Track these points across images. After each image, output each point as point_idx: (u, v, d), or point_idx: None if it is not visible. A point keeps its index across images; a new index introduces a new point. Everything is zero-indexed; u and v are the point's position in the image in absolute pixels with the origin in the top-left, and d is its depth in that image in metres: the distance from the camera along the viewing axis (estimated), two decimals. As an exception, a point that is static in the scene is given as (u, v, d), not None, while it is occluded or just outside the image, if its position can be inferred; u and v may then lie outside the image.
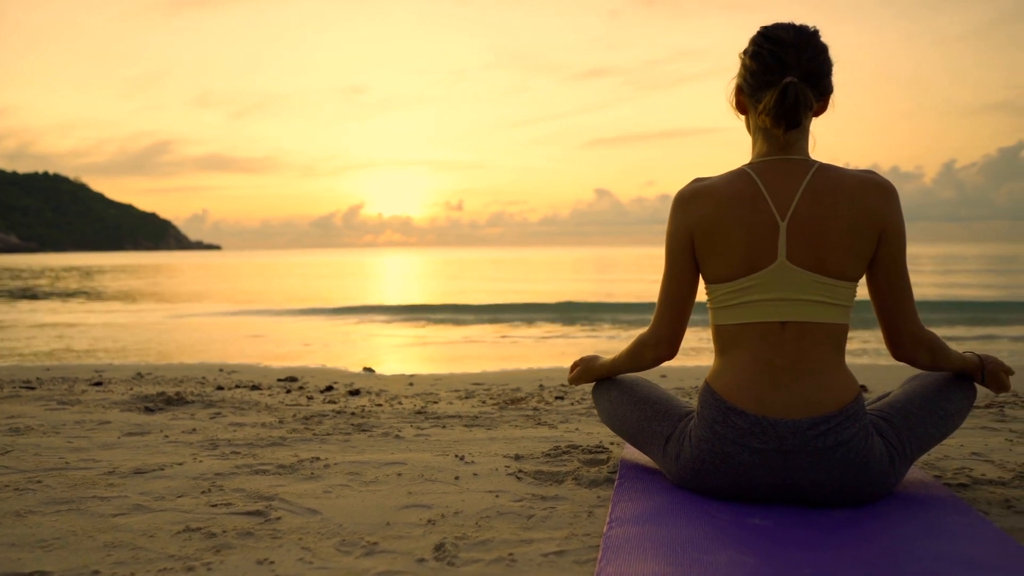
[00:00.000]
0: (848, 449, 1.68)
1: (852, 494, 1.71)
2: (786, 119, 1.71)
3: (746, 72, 1.80)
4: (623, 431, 2.04)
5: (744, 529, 1.58)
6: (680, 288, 1.86)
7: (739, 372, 1.75)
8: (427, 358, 7.28)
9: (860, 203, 1.71)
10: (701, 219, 1.79)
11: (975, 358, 1.92)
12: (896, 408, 1.86)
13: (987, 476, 2.01)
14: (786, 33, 1.75)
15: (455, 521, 1.68)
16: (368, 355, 7.42)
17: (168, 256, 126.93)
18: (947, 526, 1.59)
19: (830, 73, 1.77)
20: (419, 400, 3.58)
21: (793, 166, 1.76)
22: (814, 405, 1.69)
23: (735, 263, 1.75)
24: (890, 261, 1.75)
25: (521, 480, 2.01)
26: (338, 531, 1.61)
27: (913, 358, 1.82)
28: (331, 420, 2.94)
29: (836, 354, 1.74)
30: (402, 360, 7.13)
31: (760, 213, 1.73)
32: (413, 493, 1.90)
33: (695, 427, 1.81)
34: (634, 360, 2.00)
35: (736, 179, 1.78)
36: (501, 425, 2.86)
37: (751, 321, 1.75)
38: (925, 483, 1.91)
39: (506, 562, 1.43)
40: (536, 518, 1.70)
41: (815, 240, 1.71)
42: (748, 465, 1.71)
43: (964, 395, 1.91)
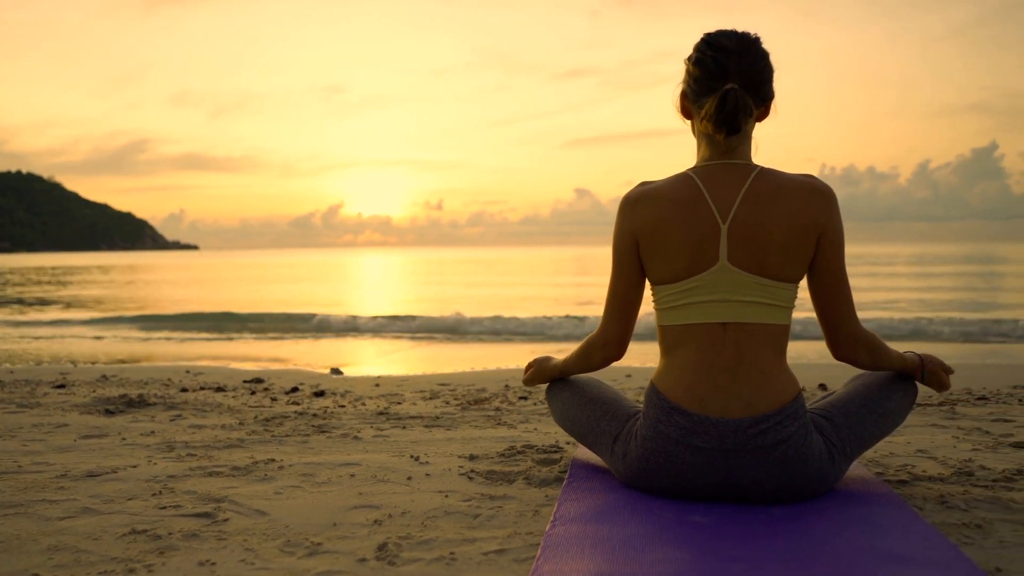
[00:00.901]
0: (787, 447, 1.72)
1: (792, 491, 1.75)
2: (726, 125, 1.74)
3: (690, 78, 1.83)
4: (574, 431, 2.07)
5: (685, 526, 1.62)
6: (627, 290, 1.89)
7: (682, 372, 1.79)
8: (400, 359, 7.28)
9: (799, 207, 1.75)
10: (645, 222, 1.82)
11: (915, 357, 1.97)
12: (837, 407, 1.90)
13: (927, 473, 2.06)
14: (728, 40, 1.79)
15: (402, 521, 1.70)
16: (340, 356, 7.41)
17: (138, 256, 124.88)
18: (881, 522, 1.63)
19: (771, 80, 1.81)
20: (383, 401, 3.59)
21: (735, 170, 1.79)
22: (754, 404, 1.73)
23: (678, 265, 1.79)
24: (829, 263, 1.79)
25: (472, 480, 2.04)
26: (284, 532, 1.63)
27: (852, 358, 1.86)
28: (292, 422, 2.95)
29: (777, 354, 1.78)
30: (373, 361, 7.13)
31: (702, 216, 1.76)
32: (364, 494, 1.91)
33: (640, 426, 1.84)
34: (584, 361, 2.03)
35: (679, 183, 1.81)
36: (461, 426, 2.88)
37: (693, 322, 1.78)
38: (866, 480, 1.95)
39: (446, 561, 1.45)
40: (482, 517, 1.72)
41: (755, 243, 1.74)
42: (690, 464, 1.75)
43: (905, 394, 1.95)
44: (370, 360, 7.35)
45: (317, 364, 6.44)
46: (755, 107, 1.79)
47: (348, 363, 6.78)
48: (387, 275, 32.08)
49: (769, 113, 1.85)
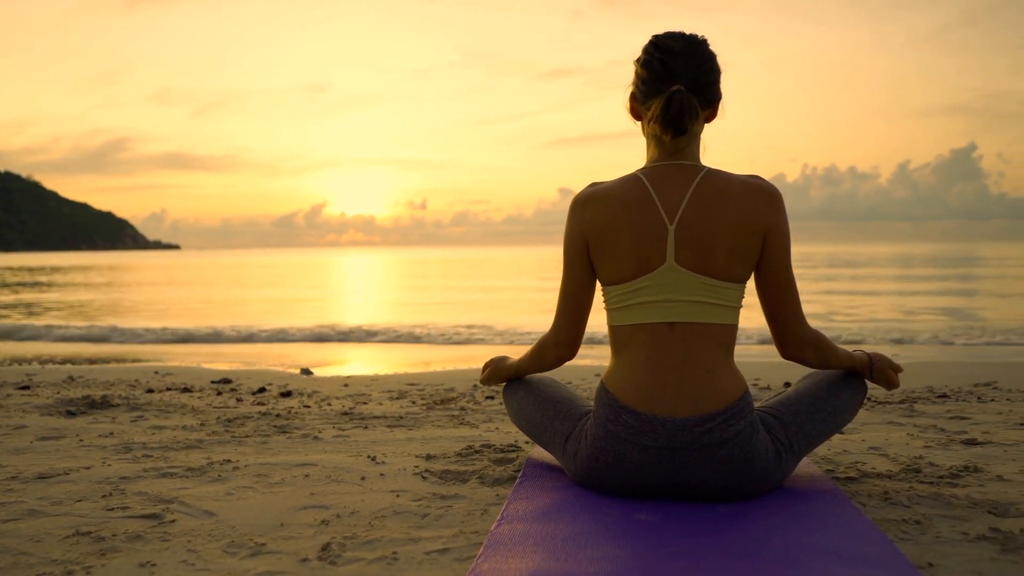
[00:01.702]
0: (733, 446, 1.73)
1: (738, 489, 1.76)
2: (672, 126, 1.76)
3: (638, 80, 1.84)
4: (529, 430, 2.08)
5: (629, 524, 1.63)
6: (578, 290, 1.91)
7: (630, 372, 1.80)
8: (376, 358, 7.27)
9: (744, 207, 1.77)
10: (594, 222, 1.83)
11: (864, 356, 1.99)
12: (786, 405, 1.92)
13: (876, 470, 2.09)
14: (675, 42, 1.80)
15: (349, 521, 1.70)
16: (316, 355, 7.39)
17: (117, 256, 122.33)
18: (822, 518, 1.65)
19: (718, 81, 1.83)
20: (349, 401, 3.58)
21: (682, 171, 1.81)
22: (701, 403, 1.74)
23: (626, 266, 1.80)
24: (775, 263, 1.81)
25: (426, 480, 2.04)
26: (229, 533, 1.63)
27: (800, 357, 1.88)
28: (254, 422, 2.94)
29: (724, 353, 1.80)
30: (349, 360, 7.11)
31: (649, 217, 1.78)
32: (315, 494, 1.91)
33: (590, 426, 1.85)
34: (537, 361, 2.04)
35: (628, 184, 1.83)
36: (424, 425, 2.89)
37: (642, 322, 1.79)
38: (814, 477, 1.98)
39: (387, 561, 1.46)
40: (430, 517, 1.73)
41: (702, 243, 1.76)
42: (638, 463, 1.76)
43: (854, 392, 1.98)
44: (346, 359, 7.33)
45: (290, 364, 6.42)
46: (702, 108, 1.80)
47: (323, 363, 6.76)
48: (367, 277, 31.96)
49: (717, 114, 1.87)
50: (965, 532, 1.57)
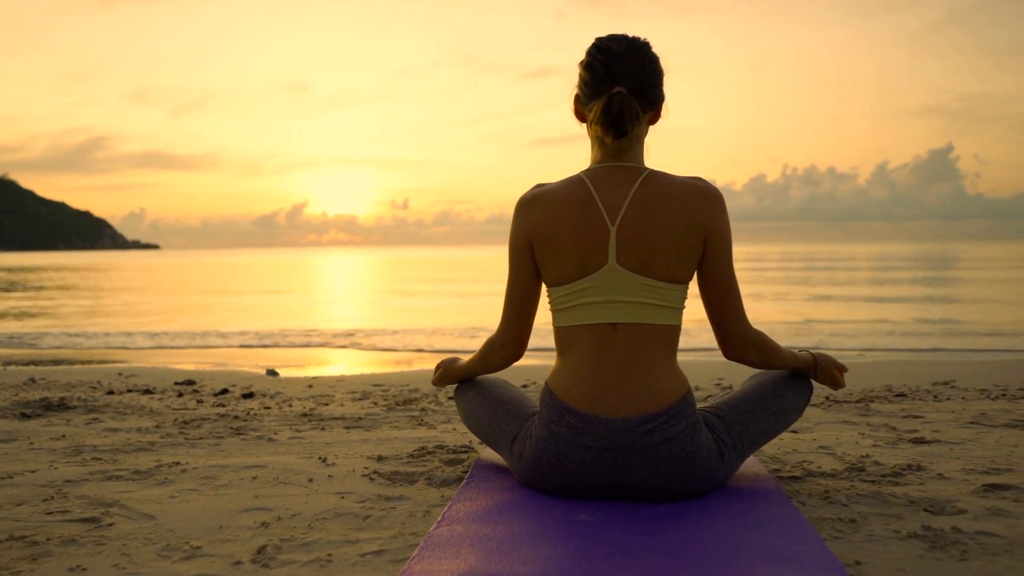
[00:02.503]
0: (673, 446, 1.74)
1: (679, 489, 1.78)
2: (613, 128, 1.77)
3: (581, 82, 1.85)
4: (478, 431, 2.08)
5: (569, 525, 1.64)
6: (523, 291, 1.91)
7: (573, 373, 1.81)
8: (349, 358, 7.24)
9: (685, 209, 1.78)
10: (538, 224, 1.84)
11: (809, 356, 2.01)
12: (731, 405, 1.94)
13: (822, 469, 2.11)
14: (617, 45, 1.81)
15: (290, 523, 1.69)
16: (289, 356, 7.35)
17: (93, 256, 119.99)
18: (760, 518, 1.66)
19: (660, 83, 1.84)
20: (311, 402, 3.57)
21: (624, 173, 1.82)
22: (642, 403, 1.75)
23: (569, 267, 1.81)
24: (716, 264, 1.82)
25: (373, 481, 2.04)
26: (166, 536, 1.61)
27: (742, 357, 1.90)
28: (211, 424, 2.92)
29: (666, 354, 1.81)
30: (321, 361, 7.08)
31: (592, 218, 1.79)
32: (260, 496, 1.90)
33: (535, 426, 1.86)
34: (484, 362, 2.05)
35: (571, 185, 1.83)
36: (382, 426, 2.88)
37: (584, 323, 1.80)
38: (758, 476, 1.99)
39: (321, 563, 1.46)
40: (372, 519, 1.72)
41: (643, 244, 1.77)
42: (580, 463, 1.77)
43: (799, 392, 1.99)
44: (320, 360, 7.30)
45: (262, 364, 6.38)
46: (644, 111, 1.81)
47: (294, 363, 6.73)
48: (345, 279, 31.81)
49: (660, 116, 1.88)
50: (897, 530, 1.59)
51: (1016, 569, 1.38)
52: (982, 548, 1.49)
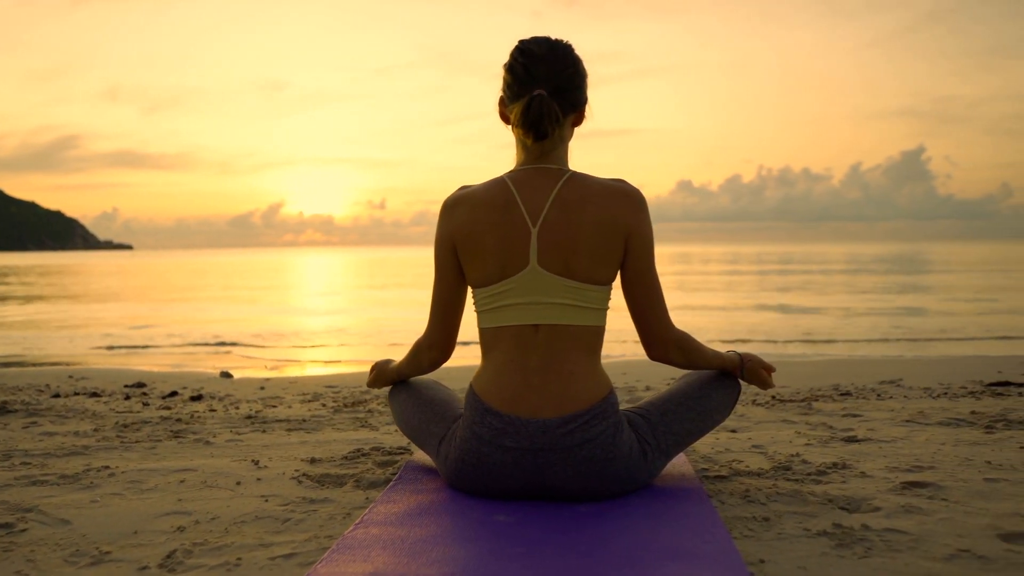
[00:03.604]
0: (594, 446, 1.75)
1: (601, 489, 1.79)
2: (533, 130, 1.77)
3: (504, 84, 1.86)
4: (408, 433, 2.08)
5: (485, 526, 1.64)
6: (448, 293, 1.91)
7: (495, 374, 1.81)
8: (323, 357, 7.20)
9: (606, 210, 1.79)
10: (461, 226, 1.84)
11: (735, 356, 2.03)
12: (656, 405, 1.95)
13: (749, 468, 2.13)
14: (539, 47, 1.82)
15: (207, 527, 1.68)
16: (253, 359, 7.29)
17: (62, 256, 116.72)
18: (675, 517, 1.67)
19: (582, 86, 1.84)
20: (259, 404, 3.55)
21: (546, 175, 1.82)
22: (564, 404, 1.76)
23: (491, 268, 1.81)
24: (638, 265, 1.83)
25: (301, 484, 2.03)
26: (78, 542, 1.60)
27: (665, 357, 1.91)
28: (151, 427, 2.89)
29: (588, 355, 1.82)
30: (292, 359, 7.02)
31: (513, 220, 1.79)
32: (183, 500, 1.89)
33: (460, 428, 1.86)
34: (414, 364, 2.05)
35: (493, 187, 1.84)
36: (324, 428, 2.87)
37: (507, 324, 1.81)
38: (683, 476, 2.01)
39: (229, 567, 1.45)
40: (291, 522, 1.72)
41: (564, 246, 1.78)
42: (501, 464, 1.77)
43: (725, 392, 2.01)
44: (282, 360, 7.24)
45: (217, 366, 6.32)
46: (566, 113, 1.82)
47: (255, 365, 6.67)
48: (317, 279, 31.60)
49: (584, 118, 1.89)
50: (808, 528, 1.61)
51: (915, 565, 1.41)
52: (887, 545, 1.51)
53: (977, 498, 1.81)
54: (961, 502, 1.78)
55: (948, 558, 1.44)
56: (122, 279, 29.38)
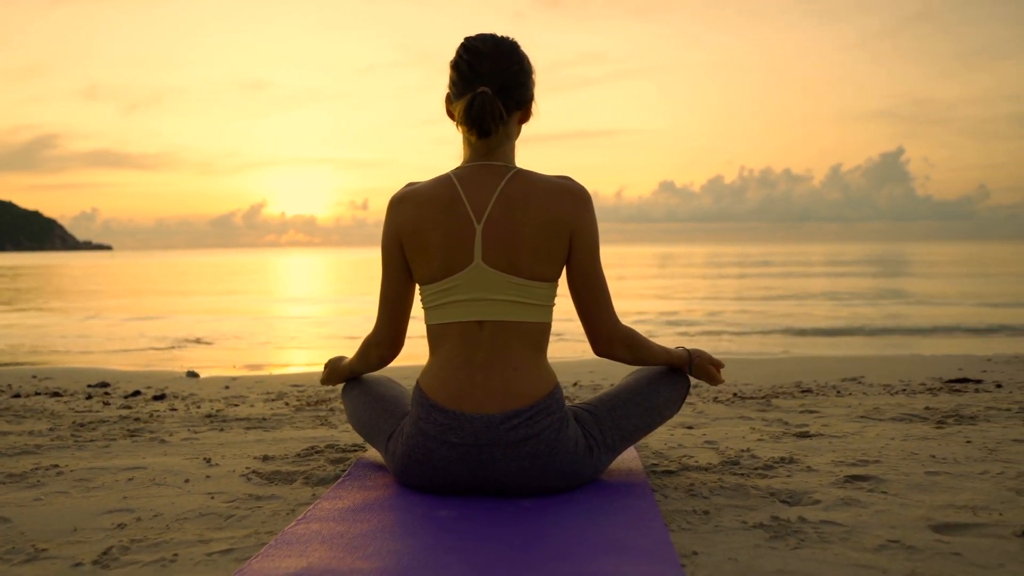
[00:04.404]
0: (538, 441, 1.77)
1: (545, 485, 1.80)
2: (476, 127, 1.78)
3: (450, 81, 1.86)
4: (360, 429, 2.08)
5: (427, 521, 1.65)
6: (395, 290, 1.92)
7: (441, 370, 1.82)
8: (295, 357, 7.16)
9: (550, 207, 1.80)
10: (407, 223, 1.84)
11: (684, 352, 2.05)
12: (603, 401, 1.97)
13: (699, 463, 2.15)
14: (483, 44, 1.83)
15: (148, 524, 1.68)
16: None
17: (38, 257, 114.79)
18: (616, 511, 1.69)
19: (526, 84, 1.85)
20: (221, 403, 3.53)
21: (491, 172, 1.83)
22: (508, 400, 1.77)
23: (436, 265, 1.82)
24: (582, 262, 1.85)
25: (250, 481, 2.03)
26: (15, 539, 1.58)
27: (611, 353, 1.92)
28: (107, 426, 2.87)
29: (533, 351, 1.83)
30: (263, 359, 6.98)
31: (458, 217, 1.80)
32: (128, 498, 1.88)
33: (406, 424, 1.87)
34: (363, 361, 2.05)
35: (439, 184, 1.85)
36: (284, 427, 2.86)
37: (452, 321, 1.82)
38: (631, 471, 2.03)
39: (164, 563, 1.44)
40: (234, 519, 1.71)
41: (508, 243, 1.79)
42: (446, 459, 1.78)
43: (674, 388, 2.03)
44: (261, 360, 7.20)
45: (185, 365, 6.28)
46: (511, 110, 1.83)
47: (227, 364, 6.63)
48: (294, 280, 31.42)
49: (531, 115, 1.90)
50: (745, 521, 1.63)
51: (844, 556, 1.43)
52: (820, 536, 1.53)
53: (916, 491, 1.84)
54: (900, 495, 1.81)
55: (877, 549, 1.46)
56: (98, 280, 29.09)
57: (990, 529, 1.56)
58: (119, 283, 26.17)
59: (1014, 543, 1.48)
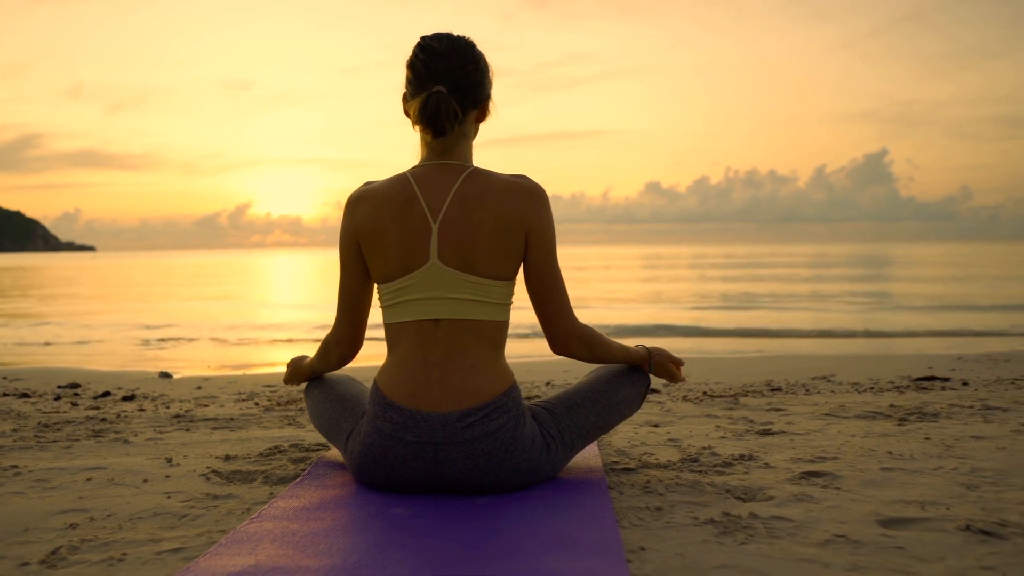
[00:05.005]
0: (494, 439, 1.77)
1: (502, 482, 1.80)
2: (431, 127, 1.79)
3: (406, 80, 1.87)
4: (321, 429, 2.08)
5: (381, 519, 1.65)
6: (354, 289, 1.92)
7: (397, 369, 1.82)
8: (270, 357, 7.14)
9: (505, 206, 1.81)
10: (364, 221, 1.85)
11: (643, 350, 2.06)
12: (562, 399, 1.98)
13: (659, 460, 2.16)
14: (439, 43, 1.83)
15: (101, 524, 1.67)
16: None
17: (15, 258, 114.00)
18: (570, 509, 1.70)
19: (483, 83, 1.86)
20: (191, 404, 3.52)
21: (448, 171, 1.84)
22: (464, 398, 1.78)
23: (393, 264, 1.82)
24: (539, 261, 1.86)
25: (209, 480, 2.02)
26: (-35, 540, 1.58)
27: (568, 351, 1.93)
28: (73, 427, 2.85)
29: (490, 349, 1.83)
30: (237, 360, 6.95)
31: (414, 216, 1.81)
32: (84, 498, 1.87)
33: (364, 423, 1.87)
34: (323, 360, 2.05)
35: (395, 183, 1.85)
36: (251, 427, 2.86)
37: (409, 319, 1.82)
38: (590, 469, 2.04)
39: (111, 562, 1.44)
40: (188, 518, 1.71)
41: (464, 241, 1.79)
42: (402, 457, 1.78)
43: (633, 386, 2.04)
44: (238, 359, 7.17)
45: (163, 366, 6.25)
46: (465, 110, 1.83)
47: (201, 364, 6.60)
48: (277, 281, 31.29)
49: (489, 114, 1.91)
50: (697, 517, 1.64)
51: (789, 550, 1.44)
52: (769, 532, 1.55)
53: (869, 487, 1.86)
54: (852, 491, 1.83)
55: (823, 543, 1.48)
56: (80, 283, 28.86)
57: (936, 523, 1.58)
58: (102, 284, 25.97)
59: (957, 536, 1.50)
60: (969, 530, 1.53)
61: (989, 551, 1.43)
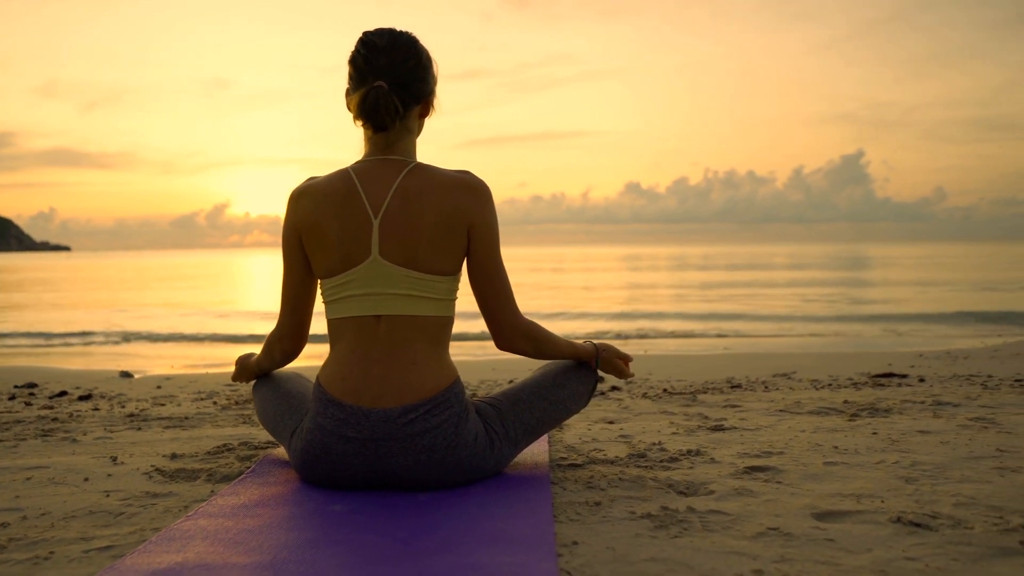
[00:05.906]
0: (435, 435, 1.77)
1: (443, 478, 1.80)
2: (371, 121, 1.78)
3: (348, 76, 1.86)
4: (267, 426, 2.07)
5: (319, 516, 1.64)
6: (297, 285, 1.91)
7: (339, 365, 1.81)
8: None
9: (448, 201, 1.80)
10: (306, 217, 1.84)
11: (590, 346, 2.06)
12: (508, 395, 1.97)
13: (607, 456, 2.17)
14: (380, 39, 1.82)
15: (34, 523, 1.64)
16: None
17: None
18: (510, 504, 1.69)
19: (425, 78, 1.85)
20: (147, 403, 3.48)
21: (389, 166, 1.83)
22: (406, 394, 1.77)
23: (334, 259, 1.81)
24: (482, 256, 1.85)
25: (151, 479, 2.00)
26: None
27: (512, 346, 1.93)
28: (22, 426, 2.81)
29: (432, 345, 1.83)
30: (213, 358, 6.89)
31: (355, 211, 1.80)
32: (20, 497, 1.84)
33: (306, 420, 1.86)
34: (269, 357, 2.04)
35: (337, 178, 1.84)
36: (204, 425, 2.83)
37: (349, 315, 1.81)
38: (536, 464, 2.04)
39: (36, 561, 1.42)
40: (124, 516, 1.69)
41: (405, 237, 1.79)
42: (343, 454, 1.77)
43: (580, 382, 2.04)
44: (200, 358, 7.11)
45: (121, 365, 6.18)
46: (407, 105, 1.83)
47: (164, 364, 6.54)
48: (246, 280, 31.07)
49: (432, 109, 1.91)
50: (634, 511, 1.64)
51: (721, 544, 1.45)
52: (704, 525, 1.55)
53: (809, 480, 1.88)
54: (792, 484, 1.84)
55: (755, 536, 1.49)
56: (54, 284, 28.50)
57: (869, 516, 1.60)
58: (76, 284, 25.66)
59: (887, 528, 1.52)
60: (900, 522, 1.54)
61: (916, 542, 1.44)
